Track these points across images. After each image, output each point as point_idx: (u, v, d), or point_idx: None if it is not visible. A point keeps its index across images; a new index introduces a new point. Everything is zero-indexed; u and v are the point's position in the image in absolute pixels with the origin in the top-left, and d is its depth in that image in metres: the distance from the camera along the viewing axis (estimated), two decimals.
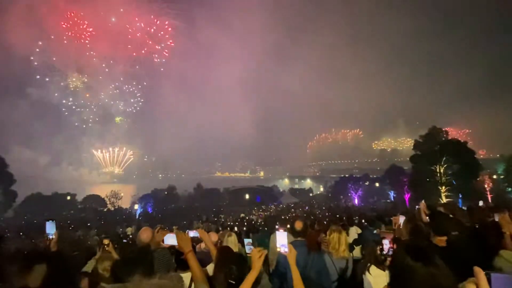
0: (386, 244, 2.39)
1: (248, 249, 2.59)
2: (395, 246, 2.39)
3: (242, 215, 29.81)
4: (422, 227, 3.19)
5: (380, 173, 48.30)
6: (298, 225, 3.04)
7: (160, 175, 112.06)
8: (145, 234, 2.80)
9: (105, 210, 41.34)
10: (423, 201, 3.77)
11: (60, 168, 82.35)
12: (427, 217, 3.28)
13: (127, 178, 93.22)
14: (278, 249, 1.93)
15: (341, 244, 3.19)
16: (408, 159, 33.02)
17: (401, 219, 3.65)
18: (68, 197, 43.39)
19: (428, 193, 25.94)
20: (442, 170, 28.31)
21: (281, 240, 1.93)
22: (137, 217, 37.08)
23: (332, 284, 3.02)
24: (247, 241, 2.65)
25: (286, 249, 1.89)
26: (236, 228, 11.62)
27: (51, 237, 2.73)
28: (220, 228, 11.25)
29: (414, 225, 2.83)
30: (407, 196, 35.26)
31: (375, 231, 5.36)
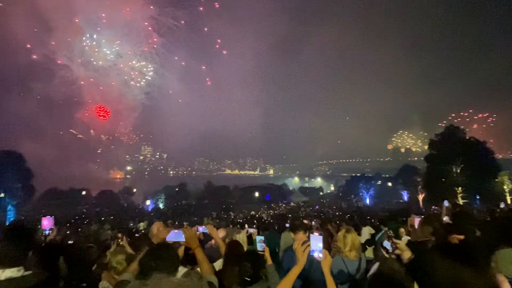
0: (387, 244, 2.30)
1: (260, 246, 2.56)
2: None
3: (252, 212, 29.89)
4: (440, 228, 3.10)
5: (393, 172, 47.31)
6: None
7: (171, 172, 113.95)
8: (156, 229, 2.85)
9: (118, 205, 42.45)
10: (446, 201, 3.65)
11: (76, 164, 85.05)
12: (448, 217, 3.19)
13: (139, 174, 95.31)
14: (312, 255, 1.83)
15: (348, 244, 3.11)
16: (422, 158, 32.17)
17: (416, 220, 3.56)
18: (83, 192, 44.76)
19: (443, 194, 25.17)
20: (458, 170, 27.44)
21: (316, 244, 1.80)
22: (148, 212, 37.89)
23: (341, 285, 2.98)
24: (259, 238, 2.62)
25: (321, 255, 1.79)
26: (246, 226, 11.64)
27: (47, 233, 2.77)
28: (231, 226, 11.30)
29: (433, 227, 2.74)
30: (421, 197, 34.38)
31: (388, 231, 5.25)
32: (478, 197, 25.59)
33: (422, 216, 3.72)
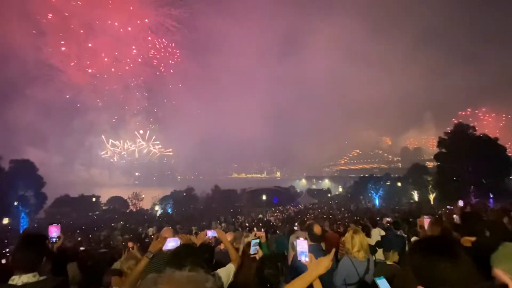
0: None
1: (253, 250, 2.60)
2: None
3: (260, 216, 29.82)
4: (450, 229, 3.05)
5: (402, 172, 46.54)
6: (317, 229, 2.99)
7: (179, 177, 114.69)
8: (166, 234, 2.92)
9: (127, 211, 42.97)
10: (461, 201, 3.60)
11: (85, 171, 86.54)
12: (458, 217, 3.14)
13: (147, 180, 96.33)
14: (298, 258, 1.88)
15: (356, 244, 3.09)
16: (432, 157, 31.64)
17: (426, 220, 3.51)
18: (94, 199, 45.49)
19: (455, 193, 24.63)
20: (470, 169, 26.87)
21: (302, 249, 1.86)
22: (157, 218, 38.18)
23: (349, 286, 2.95)
24: (254, 242, 2.64)
25: (307, 259, 1.82)
26: (255, 229, 11.65)
27: (54, 240, 2.84)
28: (240, 229, 11.31)
29: (442, 228, 2.71)
30: (432, 196, 33.72)
31: (398, 233, 5.17)
32: (491, 196, 24.95)
33: (434, 216, 3.66)
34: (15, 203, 30.94)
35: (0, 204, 28.63)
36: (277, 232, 9.81)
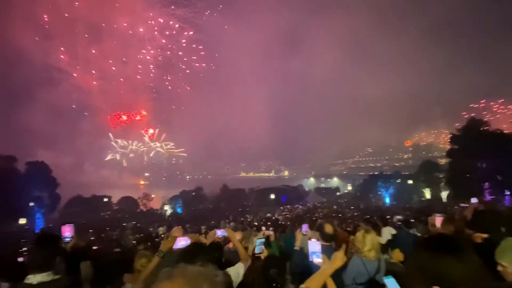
0: None
1: (258, 249, 2.59)
2: None
3: (268, 215, 29.82)
4: (463, 227, 2.98)
5: (413, 169, 45.69)
6: (329, 229, 2.96)
7: (188, 177, 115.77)
8: (176, 233, 2.97)
9: (138, 211, 43.69)
10: (474, 198, 3.52)
11: (98, 173, 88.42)
12: (471, 215, 3.08)
13: (157, 180, 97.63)
14: (310, 258, 1.86)
15: (368, 244, 3.05)
16: (444, 153, 30.98)
17: (438, 219, 3.43)
18: (105, 199, 46.45)
19: (469, 191, 24.02)
20: (484, 165, 26.15)
21: (314, 249, 1.85)
22: (167, 217, 38.69)
23: (360, 285, 2.92)
24: (259, 241, 2.64)
25: (320, 260, 1.80)
26: (264, 228, 11.66)
27: (67, 240, 2.89)
28: (248, 228, 11.33)
29: (455, 227, 2.64)
30: (444, 194, 32.97)
31: (411, 231, 5.07)
32: (507, 193, 24.20)
33: (446, 214, 3.58)
34: (31, 204, 31.93)
35: (17, 204, 29.58)
36: (286, 231, 9.78)
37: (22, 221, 31.93)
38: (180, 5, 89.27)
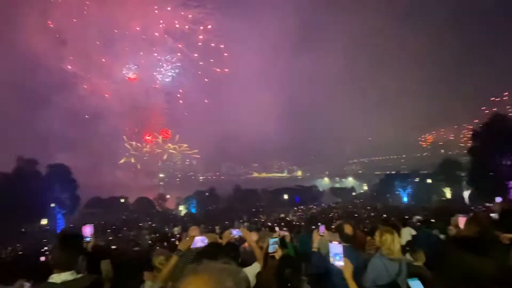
0: None
1: (272, 248, 2.58)
2: None
3: (282, 215, 29.70)
4: (489, 227, 2.85)
5: (432, 168, 44.10)
6: (348, 229, 2.89)
7: (201, 177, 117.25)
8: (194, 232, 3.03)
9: (153, 211, 44.72)
10: (498, 198, 3.38)
11: (115, 174, 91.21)
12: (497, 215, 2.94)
13: (171, 181, 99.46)
14: (331, 261, 1.83)
15: (388, 245, 2.95)
16: (465, 151, 29.82)
17: (461, 219, 3.31)
18: (122, 200, 47.84)
19: (493, 189, 22.93)
20: (508, 162, 24.91)
21: (336, 252, 1.82)
22: (181, 217, 39.35)
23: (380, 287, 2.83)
24: (273, 240, 2.63)
25: (342, 262, 1.76)
26: (277, 229, 11.60)
27: (88, 240, 2.97)
28: (263, 228, 11.32)
29: (482, 227, 2.52)
30: (466, 193, 31.68)
31: (434, 232, 4.87)
32: None
33: (470, 215, 3.43)
34: (52, 205, 33.34)
35: (39, 205, 31.00)
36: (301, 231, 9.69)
37: (44, 221, 33.44)
38: (190, 7, 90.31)
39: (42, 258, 5.22)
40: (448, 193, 37.48)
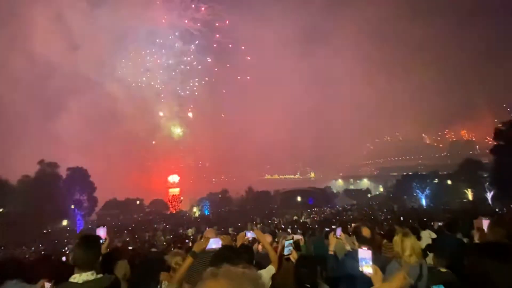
0: None
1: (287, 250, 2.57)
2: None
3: (295, 217, 29.40)
4: None
5: (452, 168, 42.38)
6: (366, 232, 2.82)
7: (214, 179, 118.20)
8: (209, 234, 3.05)
9: (168, 213, 45.55)
10: None
11: (130, 176, 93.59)
12: None
13: (185, 183, 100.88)
14: (360, 268, 1.79)
15: (408, 248, 2.84)
16: (487, 151, 28.53)
17: (485, 222, 3.15)
18: (138, 202, 49.04)
19: None
20: None
21: (365, 259, 1.79)
22: (195, 219, 39.80)
23: None
24: (287, 242, 2.61)
25: (371, 270, 1.72)
26: (290, 231, 11.50)
27: (102, 241, 3.05)
28: (277, 231, 11.24)
29: (508, 229, 2.39)
30: (489, 195, 30.24)
31: (458, 236, 4.64)
32: None
33: (494, 217, 3.27)
34: (72, 207, 34.65)
35: (60, 207, 32.28)
36: (315, 234, 9.55)
37: (65, 222, 34.77)
38: (198, 8, 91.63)
39: (63, 258, 5.42)
40: (469, 194, 35.89)
